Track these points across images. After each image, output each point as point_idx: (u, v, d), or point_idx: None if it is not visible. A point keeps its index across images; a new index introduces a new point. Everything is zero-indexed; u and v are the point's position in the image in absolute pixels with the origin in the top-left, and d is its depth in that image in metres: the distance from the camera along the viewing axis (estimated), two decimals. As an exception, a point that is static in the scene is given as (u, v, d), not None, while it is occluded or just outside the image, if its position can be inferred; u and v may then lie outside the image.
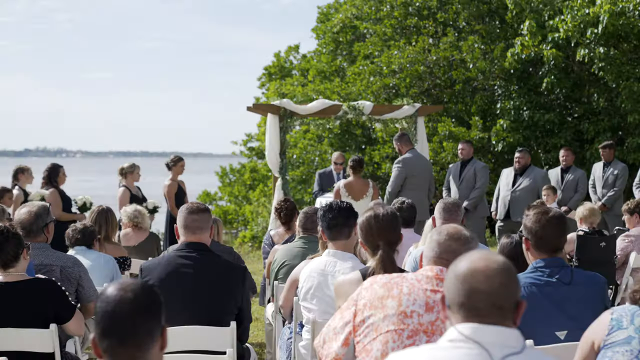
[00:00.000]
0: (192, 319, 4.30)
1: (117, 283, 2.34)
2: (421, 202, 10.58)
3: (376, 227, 3.90)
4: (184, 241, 4.47)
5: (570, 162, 11.89)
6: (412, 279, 3.19)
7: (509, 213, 11.32)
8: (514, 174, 11.51)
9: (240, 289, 4.46)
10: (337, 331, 3.27)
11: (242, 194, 21.09)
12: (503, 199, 11.45)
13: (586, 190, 11.85)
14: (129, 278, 2.45)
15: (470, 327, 2.22)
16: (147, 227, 7.46)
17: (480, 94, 16.54)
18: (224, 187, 22.40)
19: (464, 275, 2.26)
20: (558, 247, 3.98)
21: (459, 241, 3.22)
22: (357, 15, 19.31)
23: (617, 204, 11.71)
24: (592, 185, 12.05)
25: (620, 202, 11.87)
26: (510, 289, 2.25)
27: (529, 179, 11.31)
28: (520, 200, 10.99)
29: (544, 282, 3.90)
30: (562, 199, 11.59)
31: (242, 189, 21.23)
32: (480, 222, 11.49)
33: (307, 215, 5.94)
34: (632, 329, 3.09)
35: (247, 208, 19.56)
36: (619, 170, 11.79)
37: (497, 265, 2.26)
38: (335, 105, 11.72)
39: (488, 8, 17.13)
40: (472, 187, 11.37)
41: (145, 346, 2.30)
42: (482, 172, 11.44)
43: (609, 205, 11.49)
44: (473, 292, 2.23)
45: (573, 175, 11.73)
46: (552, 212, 4.03)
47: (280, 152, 11.47)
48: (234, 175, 22.33)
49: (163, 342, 2.36)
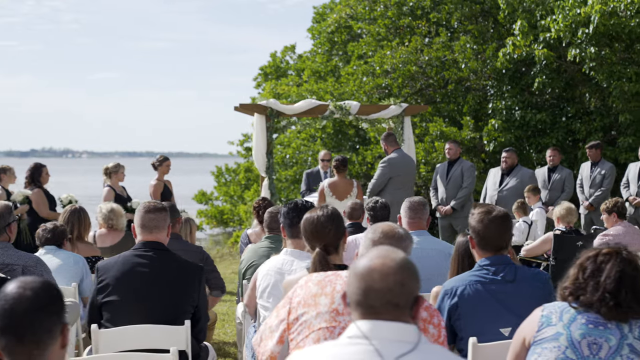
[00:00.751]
0: (148, 318, 4.34)
1: (18, 280, 2.35)
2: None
3: (310, 229, 3.93)
4: (141, 240, 4.50)
5: (557, 162, 11.91)
6: (346, 276, 3.21)
7: (495, 212, 11.32)
8: (501, 174, 11.54)
9: (196, 287, 4.49)
10: (272, 329, 3.30)
11: (237, 194, 21.14)
12: (490, 198, 11.47)
13: (573, 189, 11.87)
14: (34, 276, 2.45)
15: (368, 323, 2.25)
16: (122, 227, 7.47)
17: (472, 94, 16.54)
18: (219, 187, 22.45)
19: (361, 273, 2.29)
20: (501, 245, 4.03)
21: (393, 239, 3.25)
22: (352, 15, 19.33)
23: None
24: (580, 185, 12.07)
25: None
26: (407, 287, 2.27)
27: (516, 179, 11.33)
28: (507, 199, 11.01)
29: (489, 280, 3.95)
30: (549, 198, 11.61)
31: (237, 189, 21.27)
32: (467, 222, 11.48)
33: (272, 215, 5.96)
34: (561, 325, 3.11)
35: (242, 208, 19.60)
36: (607, 170, 11.82)
37: (394, 263, 2.27)
38: (322, 105, 11.74)
39: (481, 8, 17.12)
40: (459, 187, 11.40)
41: (44, 344, 2.31)
42: (469, 172, 11.46)
43: (596, 205, 11.50)
44: (369, 290, 2.26)
45: (560, 174, 11.75)
46: (496, 212, 4.08)
47: (267, 152, 11.49)
48: (229, 175, 22.38)
49: (64, 340, 2.37)
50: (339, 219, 4.05)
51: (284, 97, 18.25)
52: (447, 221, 11.51)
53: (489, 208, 4.12)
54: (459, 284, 3.99)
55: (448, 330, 3.97)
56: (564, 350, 3.07)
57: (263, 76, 23.14)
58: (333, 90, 17.18)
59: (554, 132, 15.46)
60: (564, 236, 7.84)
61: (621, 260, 3.08)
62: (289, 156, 18.14)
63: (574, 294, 3.13)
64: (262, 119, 11.42)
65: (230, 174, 22.36)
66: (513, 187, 11.26)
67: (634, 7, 13.95)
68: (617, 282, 3.05)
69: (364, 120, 11.95)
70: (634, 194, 11.69)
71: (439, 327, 3.19)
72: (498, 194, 11.35)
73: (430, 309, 3.21)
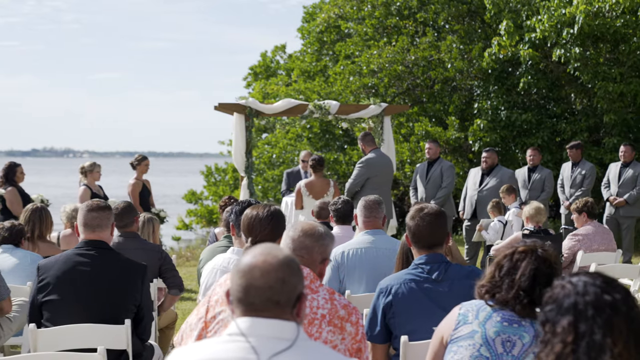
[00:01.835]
0: (88, 317, 4.33)
1: None
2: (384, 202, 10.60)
3: (245, 224, 3.93)
4: (83, 239, 4.49)
5: (538, 162, 11.90)
6: None
7: (475, 212, 11.34)
8: (481, 174, 11.53)
9: (139, 287, 4.48)
10: (192, 327, 3.29)
11: (226, 194, 21.12)
12: (470, 198, 11.47)
13: (553, 189, 11.86)
14: None
15: (247, 321, 2.24)
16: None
17: (459, 94, 16.53)
18: (209, 187, 22.46)
19: (243, 270, 2.28)
20: (435, 243, 4.02)
21: (313, 237, 3.24)
22: (341, 15, 19.32)
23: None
24: (561, 185, 12.06)
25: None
26: (288, 284, 2.26)
27: (496, 179, 11.32)
28: (487, 199, 10.98)
29: (423, 278, 3.95)
30: (529, 198, 11.60)
31: (226, 189, 21.27)
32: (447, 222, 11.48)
33: (229, 214, 5.94)
34: (477, 323, 3.11)
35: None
36: (587, 170, 11.82)
37: (276, 261, 2.26)
38: (302, 104, 11.73)
39: (468, 8, 17.11)
40: (438, 187, 11.39)
41: None
42: (448, 172, 11.45)
43: (576, 205, 11.48)
44: (249, 287, 2.25)
45: (540, 174, 11.74)
46: (428, 209, 4.07)
47: (247, 152, 11.49)
48: (219, 174, 22.38)
49: None
50: (279, 219, 4.03)
51: (273, 97, 18.24)
52: (426, 221, 11.47)
53: (422, 206, 4.11)
54: (393, 283, 3.99)
55: (383, 328, 3.96)
56: (479, 348, 3.07)
57: (253, 76, 23.14)
58: (320, 90, 17.18)
59: (540, 132, 15.44)
60: (532, 236, 7.82)
61: (536, 259, 3.08)
62: (275, 156, 18.13)
63: (490, 292, 3.12)
64: (242, 119, 11.41)
65: (220, 174, 22.36)
66: (493, 187, 11.25)
67: (619, 8, 13.94)
68: (532, 280, 3.05)
69: (343, 120, 11.94)
70: (615, 194, 11.69)
71: (356, 325, 3.18)
72: (478, 194, 11.33)
73: (348, 307, 3.20)
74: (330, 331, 3.10)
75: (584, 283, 2.27)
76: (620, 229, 11.67)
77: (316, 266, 3.24)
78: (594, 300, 2.21)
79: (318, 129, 17.76)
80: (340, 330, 3.13)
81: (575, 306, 2.22)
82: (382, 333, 3.96)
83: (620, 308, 2.20)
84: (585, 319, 2.19)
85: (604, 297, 2.22)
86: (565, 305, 2.24)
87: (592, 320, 2.18)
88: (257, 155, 18.99)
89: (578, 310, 2.21)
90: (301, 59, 20.80)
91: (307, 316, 3.11)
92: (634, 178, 11.63)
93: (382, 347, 3.98)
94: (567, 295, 2.26)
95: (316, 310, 3.13)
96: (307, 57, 20.57)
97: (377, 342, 3.97)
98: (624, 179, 11.68)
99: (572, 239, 8.21)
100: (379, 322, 3.96)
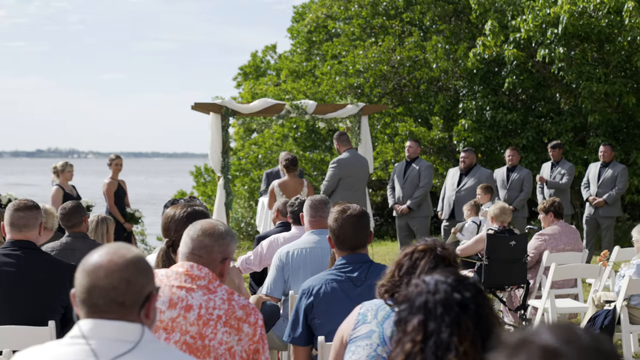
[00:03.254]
0: (15, 318, 4.27)
1: None
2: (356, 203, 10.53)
3: (162, 223, 3.89)
4: (9, 239, 4.43)
5: (516, 162, 11.84)
6: (162, 275, 3.16)
7: (453, 213, 11.28)
8: (459, 174, 11.47)
9: (67, 287, 4.40)
10: None
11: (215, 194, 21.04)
12: (448, 198, 11.41)
13: (531, 189, 11.79)
14: None
15: (90, 322, 2.19)
16: (52, 227, 7.40)
17: (444, 94, 16.45)
18: (198, 187, 22.42)
19: (87, 270, 2.22)
20: (357, 244, 3.98)
21: (212, 237, 3.18)
22: (329, 14, 19.27)
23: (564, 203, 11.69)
24: (540, 185, 12.00)
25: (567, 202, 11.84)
26: (134, 285, 2.20)
27: (474, 179, 11.26)
28: (465, 200, 10.91)
29: (344, 278, 3.90)
30: (507, 198, 11.54)
31: (215, 189, 21.18)
32: (424, 222, 11.44)
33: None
34: (375, 322, 3.06)
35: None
36: (567, 170, 11.75)
37: (122, 260, 2.20)
38: (278, 104, 11.67)
39: (454, 8, 17.04)
40: (416, 186, 11.33)
41: None
42: (426, 172, 11.39)
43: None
44: (93, 288, 2.19)
45: (518, 174, 11.67)
46: (351, 210, 4.03)
47: (222, 151, 11.43)
48: (208, 175, 22.32)
49: None
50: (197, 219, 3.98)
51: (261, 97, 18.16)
52: (403, 221, 11.43)
53: (345, 207, 4.07)
54: (315, 283, 3.94)
55: (305, 330, 3.91)
56: (376, 348, 3.02)
57: (243, 76, 23.09)
58: (306, 90, 17.12)
59: (525, 133, 15.36)
60: (496, 236, 7.76)
61: (434, 257, 3.02)
62: (261, 156, 18.08)
63: (390, 291, 3.07)
64: (218, 118, 11.35)
65: (210, 174, 22.30)
66: (471, 187, 11.19)
67: (604, 8, 13.86)
68: None
69: (320, 120, 11.88)
70: (594, 194, 11.63)
71: (255, 326, 3.12)
72: (456, 194, 11.28)
73: (247, 308, 3.14)
74: (225, 332, 3.05)
75: (436, 281, 2.23)
76: (600, 229, 11.61)
77: (216, 266, 3.18)
78: (444, 299, 2.18)
79: (304, 129, 17.70)
80: (237, 331, 3.07)
81: (426, 305, 2.19)
82: (304, 335, 3.90)
83: (469, 306, 2.17)
84: (434, 317, 2.17)
85: (453, 295, 2.19)
86: (417, 304, 2.20)
87: (441, 318, 2.16)
88: (244, 156, 18.92)
89: (428, 308, 2.18)
90: (290, 59, 20.74)
91: (203, 317, 3.06)
92: (613, 178, 11.57)
93: (304, 350, 3.92)
94: (419, 294, 2.22)
95: (212, 311, 3.07)
96: (296, 57, 20.51)
97: (299, 344, 3.92)
98: (603, 179, 11.62)
99: (539, 238, 8.16)
100: (300, 324, 3.90)
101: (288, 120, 15.59)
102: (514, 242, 7.73)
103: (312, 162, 17.16)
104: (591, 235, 11.72)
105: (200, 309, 3.07)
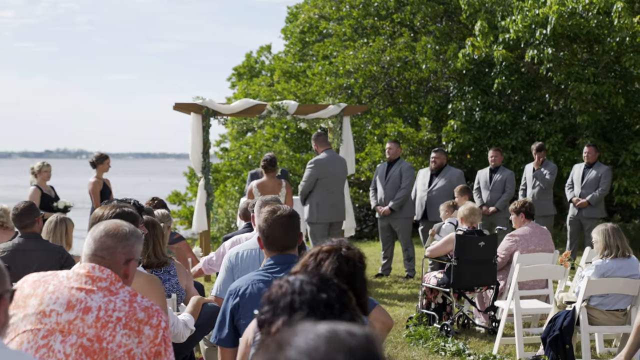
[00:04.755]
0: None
1: None
2: (334, 204, 10.49)
3: (89, 224, 3.87)
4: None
5: (499, 163, 11.77)
6: (63, 276, 3.11)
7: (426, 213, 11.24)
8: (430, 174, 11.43)
9: None
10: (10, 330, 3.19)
11: (208, 195, 21.02)
12: (420, 199, 11.37)
13: (514, 190, 11.73)
14: None
15: None
16: (12, 226, 7.38)
17: (433, 95, 16.38)
18: (191, 188, 22.39)
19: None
20: (287, 245, 3.96)
21: (115, 238, 3.13)
22: (321, 15, 19.22)
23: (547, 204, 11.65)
24: (524, 185, 11.94)
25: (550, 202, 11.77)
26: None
27: (444, 179, 11.24)
28: (437, 200, 10.90)
29: (271, 279, 3.86)
30: (490, 199, 11.50)
31: (210, 190, 21.16)
32: (406, 222, 11.38)
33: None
34: None
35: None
36: (549, 170, 11.68)
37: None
38: (260, 104, 11.62)
39: (444, 9, 16.96)
40: (397, 187, 11.28)
41: None
42: (407, 173, 11.34)
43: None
44: None
45: (501, 175, 11.61)
46: (281, 211, 3.99)
47: (203, 152, 11.39)
48: (202, 176, 22.25)
49: None
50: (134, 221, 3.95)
51: (253, 97, 18.12)
52: (386, 222, 11.38)
53: (275, 207, 4.03)
54: (242, 284, 3.90)
55: (231, 331, 3.87)
56: None
57: (237, 76, 23.06)
58: (297, 91, 17.08)
59: (514, 133, 15.29)
60: (465, 236, 7.70)
61: (338, 257, 2.98)
62: (251, 157, 18.05)
63: None
64: (198, 118, 11.31)
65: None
66: (442, 188, 11.17)
67: (593, 8, 13.77)
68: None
69: (302, 120, 11.83)
70: (578, 195, 11.56)
71: (157, 328, 3.07)
72: (428, 195, 11.25)
73: (149, 310, 3.09)
74: (125, 334, 3.00)
75: (301, 282, 2.19)
76: (583, 230, 11.53)
77: (119, 267, 3.13)
78: (310, 299, 2.14)
79: (294, 130, 17.66)
80: (137, 333, 3.02)
81: (292, 305, 2.15)
82: (231, 336, 3.86)
83: (334, 306, 2.13)
84: (300, 318, 2.11)
85: (319, 295, 2.15)
86: (282, 305, 2.16)
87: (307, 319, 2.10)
88: (234, 156, 18.88)
89: (294, 309, 2.14)
90: (283, 60, 20.71)
91: (101, 319, 3.02)
92: (597, 179, 11.50)
93: (230, 351, 3.87)
94: (284, 294, 2.18)
95: (111, 313, 3.03)
96: (289, 57, 20.47)
97: (225, 345, 3.87)
98: (587, 180, 11.56)
99: (509, 239, 8.10)
100: (227, 325, 3.86)
101: (279, 121, 15.53)
102: (483, 243, 7.67)
103: (303, 163, 17.08)
104: (575, 236, 11.65)
105: (99, 311, 3.02)
